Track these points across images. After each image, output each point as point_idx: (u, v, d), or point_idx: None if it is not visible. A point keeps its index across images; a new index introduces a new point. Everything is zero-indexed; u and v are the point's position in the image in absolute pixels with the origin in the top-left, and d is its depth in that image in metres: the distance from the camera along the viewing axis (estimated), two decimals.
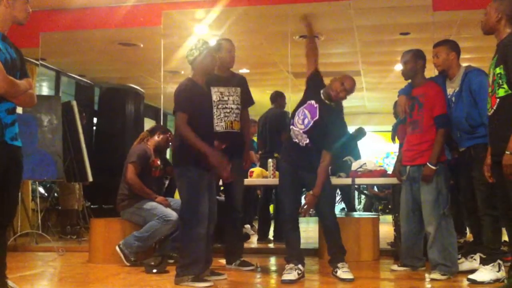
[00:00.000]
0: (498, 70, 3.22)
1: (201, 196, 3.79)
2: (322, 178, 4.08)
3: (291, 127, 4.20)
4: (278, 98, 7.14)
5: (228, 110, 4.49)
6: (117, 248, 4.77)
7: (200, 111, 3.90)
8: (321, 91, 4.23)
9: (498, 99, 3.23)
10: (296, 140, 4.15)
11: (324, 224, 4.29)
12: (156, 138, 5.21)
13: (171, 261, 4.50)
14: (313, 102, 4.19)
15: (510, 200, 3.21)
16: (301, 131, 4.13)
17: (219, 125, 4.44)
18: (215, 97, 4.45)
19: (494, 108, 3.28)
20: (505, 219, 3.45)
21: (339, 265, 4.12)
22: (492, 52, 3.63)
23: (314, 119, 4.13)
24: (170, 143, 5.26)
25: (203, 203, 3.81)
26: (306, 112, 4.17)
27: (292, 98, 7.04)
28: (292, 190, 4.23)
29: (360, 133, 7.70)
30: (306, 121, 4.15)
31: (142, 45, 8.05)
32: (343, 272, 4.07)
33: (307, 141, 4.12)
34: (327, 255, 4.34)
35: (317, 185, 4.04)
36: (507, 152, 3.12)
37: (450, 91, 4.23)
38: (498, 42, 3.38)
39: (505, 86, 3.18)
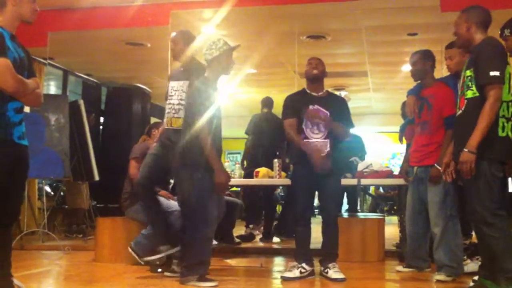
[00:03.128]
0: (468, 73, 3.31)
1: (210, 198, 3.79)
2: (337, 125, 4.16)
3: (304, 141, 4.16)
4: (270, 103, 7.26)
5: (170, 106, 4.26)
6: (129, 248, 4.77)
7: (215, 113, 3.87)
8: (305, 91, 4.22)
9: (466, 101, 3.32)
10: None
11: (326, 221, 4.28)
12: (154, 134, 5.21)
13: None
14: (310, 107, 4.18)
15: (472, 202, 3.23)
16: (320, 139, 4.13)
17: (164, 121, 4.31)
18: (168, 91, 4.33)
19: (462, 109, 3.37)
20: (471, 221, 3.45)
21: (330, 265, 4.13)
22: None
23: (327, 116, 4.13)
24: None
25: (212, 205, 3.81)
26: (314, 121, 4.17)
27: None
28: (307, 191, 4.24)
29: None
30: (321, 127, 4.15)
31: (149, 45, 8.06)
32: (334, 272, 4.08)
33: (328, 149, 4.12)
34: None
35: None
36: (465, 150, 3.19)
37: None
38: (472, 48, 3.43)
39: (473, 88, 3.27)
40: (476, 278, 3.54)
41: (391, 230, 6.65)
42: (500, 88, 3.18)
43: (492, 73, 3.16)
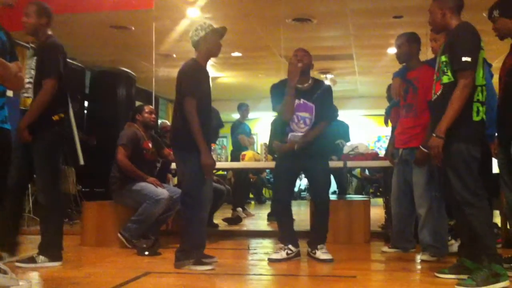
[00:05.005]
0: (443, 58, 3.34)
1: (205, 180, 3.79)
2: (312, 133, 4.14)
3: (289, 134, 4.18)
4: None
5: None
6: (118, 234, 4.81)
7: (206, 96, 3.86)
8: (288, 85, 4.19)
9: (442, 86, 3.35)
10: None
11: (318, 206, 4.31)
12: (139, 119, 5.19)
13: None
14: (296, 101, 4.16)
15: (452, 187, 3.27)
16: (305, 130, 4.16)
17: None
18: None
19: (437, 94, 3.39)
20: (450, 202, 3.49)
21: (319, 246, 4.17)
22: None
23: (312, 107, 4.14)
24: (153, 115, 5.24)
25: (206, 188, 3.82)
26: (300, 114, 4.16)
27: None
28: (287, 175, 4.26)
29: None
30: (307, 120, 4.16)
31: (133, 28, 7.98)
32: (322, 253, 4.13)
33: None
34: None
35: (305, 135, 4.12)
36: (433, 135, 3.24)
37: None
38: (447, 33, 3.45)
39: (449, 73, 3.30)
40: None
41: (377, 212, 6.72)
42: (470, 75, 3.20)
43: (464, 59, 3.19)
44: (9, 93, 3.51)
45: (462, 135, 3.23)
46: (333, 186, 8.15)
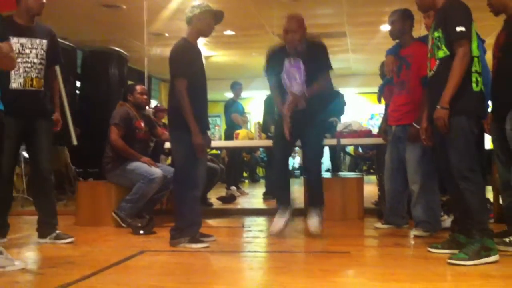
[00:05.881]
0: (436, 34, 3.32)
1: (197, 159, 3.80)
2: (316, 88, 4.13)
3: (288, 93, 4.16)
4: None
5: (29, 65, 3.92)
6: (112, 213, 4.83)
7: (198, 75, 3.85)
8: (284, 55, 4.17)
9: (437, 61, 3.33)
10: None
11: (307, 172, 4.33)
12: (130, 99, 5.17)
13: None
14: (286, 62, 4.13)
15: (449, 161, 3.27)
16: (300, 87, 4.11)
17: (17, 82, 3.88)
18: (15, 47, 3.78)
19: (434, 70, 3.37)
20: (446, 176, 3.50)
21: (313, 212, 4.17)
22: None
23: (303, 66, 4.09)
24: (144, 96, 5.23)
25: (199, 166, 3.83)
26: (291, 71, 4.12)
27: None
28: (284, 140, 4.22)
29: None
30: (297, 76, 4.10)
31: (125, 7, 7.91)
32: (312, 223, 4.13)
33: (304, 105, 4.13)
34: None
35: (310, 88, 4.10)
36: (437, 106, 3.22)
37: None
38: (436, 11, 3.43)
39: (444, 48, 3.28)
40: None
41: (370, 189, 6.76)
42: (467, 43, 3.20)
43: (458, 29, 3.18)
44: None
45: (463, 108, 3.21)
46: (327, 164, 8.20)
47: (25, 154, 7.92)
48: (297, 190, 5.17)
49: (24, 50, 3.89)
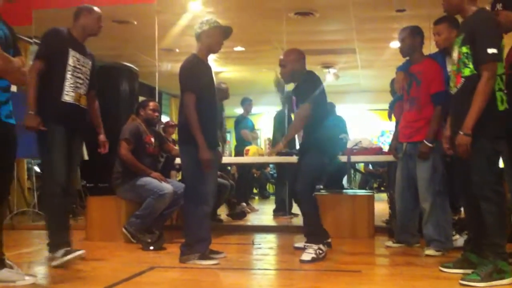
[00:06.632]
0: (464, 49, 3.23)
1: (208, 174, 3.79)
2: (289, 130, 4.34)
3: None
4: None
5: (80, 81, 3.91)
6: (123, 229, 4.84)
7: (207, 91, 3.86)
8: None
9: (463, 79, 3.25)
10: None
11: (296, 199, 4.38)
12: (142, 114, 5.20)
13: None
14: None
15: (471, 180, 3.20)
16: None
17: (69, 95, 3.82)
18: (71, 60, 3.84)
19: (458, 87, 3.29)
20: (463, 196, 3.46)
21: (306, 245, 4.03)
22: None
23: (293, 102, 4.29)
24: (156, 113, 5.25)
25: (209, 182, 3.82)
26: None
27: None
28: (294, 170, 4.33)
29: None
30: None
31: (136, 23, 7.97)
32: (304, 252, 3.96)
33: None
34: None
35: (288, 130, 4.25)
36: (460, 132, 3.14)
37: (450, 68, 4.19)
38: (463, 20, 3.38)
39: (470, 66, 3.20)
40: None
41: (381, 206, 6.71)
42: (496, 66, 3.12)
43: (490, 51, 3.09)
44: (13, 88, 3.51)
45: (487, 131, 3.14)
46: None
47: (37, 169, 7.97)
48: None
49: (77, 65, 3.89)
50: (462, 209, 5.30)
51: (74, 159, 3.96)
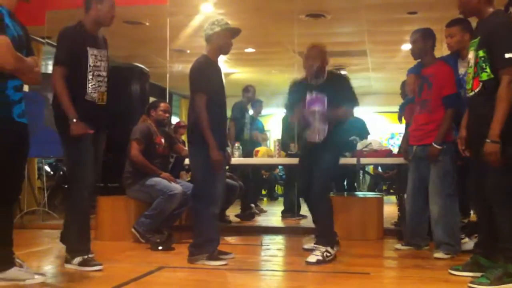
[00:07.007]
0: (481, 53, 3.18)
1: (216, 175, 3.80)
2: (340, 113, 4.12)
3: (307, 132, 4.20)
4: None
5: (100, 79, 3.76)
6: (132, 229, 4.85)
7: (217, 92, 3.87)
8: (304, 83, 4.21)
9: (481, 83, 3.20)
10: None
11: (312, 199, 4.21)
12: (153, 115, 5.22)
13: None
14: (308, 96, 4.12)
15: (486, 183, 3.17)
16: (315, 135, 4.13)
17: (92, 95, 3.71)
18: (91, 60, 3.69)
19: (476, 91, 3.24)
20: (476, 199, 3.42)
21: (315, 247, 4.02)
22: None
23: (324, 98, 4.08)
24: (167, 114, 5.26)
25: (217, 182, 3.83)
26: (312, 108, 4.10)
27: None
28: (304, 171, 4.25)
29: None
30: (317, 114, 4.08)
31: (147, 24, 8.01)
32: (311, 254, 3.93)
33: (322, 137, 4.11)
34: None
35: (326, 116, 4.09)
36: (487, 141, 3.09)
37: (462, 70, 4.17)
38: (478, 21, 3.33)
39: (488, 70, 3.15)
40: None
41: (390, 209, 6.69)
42: None
43: (507, 55, 3.05)
44: (25, 88, 3.54)
45: (509, 139, 3.07)
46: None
47: (47, 168, 8.04)
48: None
49: (96, 62, 3.71)
50: (472, 212, 5.29)
51: (99, 159, 3.89)
